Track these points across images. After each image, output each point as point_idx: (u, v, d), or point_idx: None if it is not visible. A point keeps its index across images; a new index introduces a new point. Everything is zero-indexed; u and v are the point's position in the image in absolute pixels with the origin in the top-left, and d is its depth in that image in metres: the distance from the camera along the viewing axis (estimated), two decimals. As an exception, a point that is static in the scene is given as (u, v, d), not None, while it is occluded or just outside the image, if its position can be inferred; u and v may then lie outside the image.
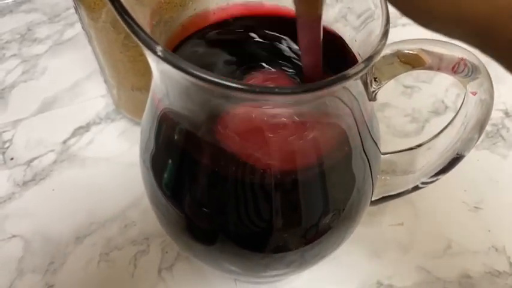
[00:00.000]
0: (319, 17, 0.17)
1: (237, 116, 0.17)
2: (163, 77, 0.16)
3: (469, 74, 0.19)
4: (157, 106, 0.19)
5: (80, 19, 0.28)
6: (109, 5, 0.13)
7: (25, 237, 0.30)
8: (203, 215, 0.21)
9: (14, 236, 0.30)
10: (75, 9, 0.28)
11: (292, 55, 0.23)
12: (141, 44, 0.13)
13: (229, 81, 0.13)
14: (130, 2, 0.15)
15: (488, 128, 0.36)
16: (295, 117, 0.18)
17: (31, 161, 0.34)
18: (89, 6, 0.26)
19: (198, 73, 0.13)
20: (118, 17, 0.13)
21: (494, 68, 0.13)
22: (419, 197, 0.31)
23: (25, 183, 0.33)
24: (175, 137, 0.19)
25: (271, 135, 0.18)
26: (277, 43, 0.23)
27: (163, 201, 0.22)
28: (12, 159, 0.34)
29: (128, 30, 0.13)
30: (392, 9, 0.14)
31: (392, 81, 0.41)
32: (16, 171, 0.33)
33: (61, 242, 0.30)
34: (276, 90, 0.13)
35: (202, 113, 0.18)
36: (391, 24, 0.17)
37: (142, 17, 0.18)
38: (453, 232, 0.30)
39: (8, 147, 0.35)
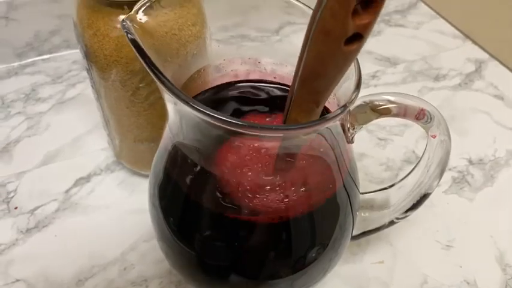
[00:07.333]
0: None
1: (234, 150, 0.21)
2: (180, 119, 0.20)
3: (429, 121, 0.24)
4: (171, 148, 0.23)
5: (91, 78, 0.32)
6: (141, 61, 0.16)
7: (28, 281, 0.32)
8: (210, 251, 0.24)
9: (17, 280, 0.32)
10: (87, 69, 0.32)
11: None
12: (165, 90, 0.17)
13: (235, 120, 0.16)
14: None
15: (455, 174, 0.40)
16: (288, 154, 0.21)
17: (34, 209, 0.36)
18: (101, 67, 0.30)
19: (209, 112, 0.16)
20: (148, 70, 0.16)
21: (459, 123, 0.16)
22: (397, 237, 0.34)
23: (28, 230, 0.35)
24: (186, 176, 0.22)
25: (265, 176, 0.21)
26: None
27: (171, 238, 0.24)
28: (16, 208, 0.36)
29: (156, 80, 0.16)
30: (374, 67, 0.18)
31: (367, 134, 0.45)
32: (20, 219, 0.35)
33: (63, 285, 0.31)
34: (273, 127, 0.17)
35: (212, 148, 0.21)
36: (364, 85, 0.21)
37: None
38: (428, 268, 0.33)
39: (12, 197, 0.37)
